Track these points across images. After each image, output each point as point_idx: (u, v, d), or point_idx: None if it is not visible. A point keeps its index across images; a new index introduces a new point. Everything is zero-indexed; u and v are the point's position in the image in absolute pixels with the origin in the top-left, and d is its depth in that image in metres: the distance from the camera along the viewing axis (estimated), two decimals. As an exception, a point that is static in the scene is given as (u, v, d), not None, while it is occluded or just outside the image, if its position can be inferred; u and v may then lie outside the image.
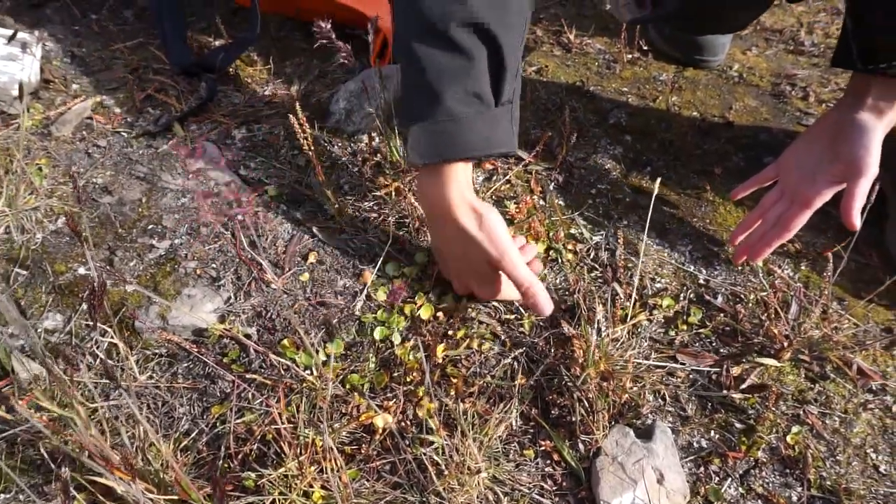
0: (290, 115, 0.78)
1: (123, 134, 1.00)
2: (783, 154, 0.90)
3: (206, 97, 1.05)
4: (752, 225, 0.90)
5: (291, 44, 1.24)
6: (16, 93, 1.00)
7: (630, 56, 1.31)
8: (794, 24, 1.50)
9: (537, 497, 0.67)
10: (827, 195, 0.83)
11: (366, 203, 0.92)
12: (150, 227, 0.87)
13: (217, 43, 1.14)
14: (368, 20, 1.14)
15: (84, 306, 0.77)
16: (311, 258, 0.85)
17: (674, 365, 0.79)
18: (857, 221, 0.79)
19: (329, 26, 0.79)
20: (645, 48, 1.32)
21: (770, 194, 0.89)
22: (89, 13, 1.26)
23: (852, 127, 0.81)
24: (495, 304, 0.83)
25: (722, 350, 0.82)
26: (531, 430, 0.72)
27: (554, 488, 0.68)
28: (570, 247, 0.91)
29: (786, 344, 0.81)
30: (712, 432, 0.74)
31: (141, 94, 1.06)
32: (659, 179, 0.83)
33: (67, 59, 1.14)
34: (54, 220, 0.87)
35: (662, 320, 0.84)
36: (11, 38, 1.01)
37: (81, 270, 0.81)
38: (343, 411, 0.70)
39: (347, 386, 0.72)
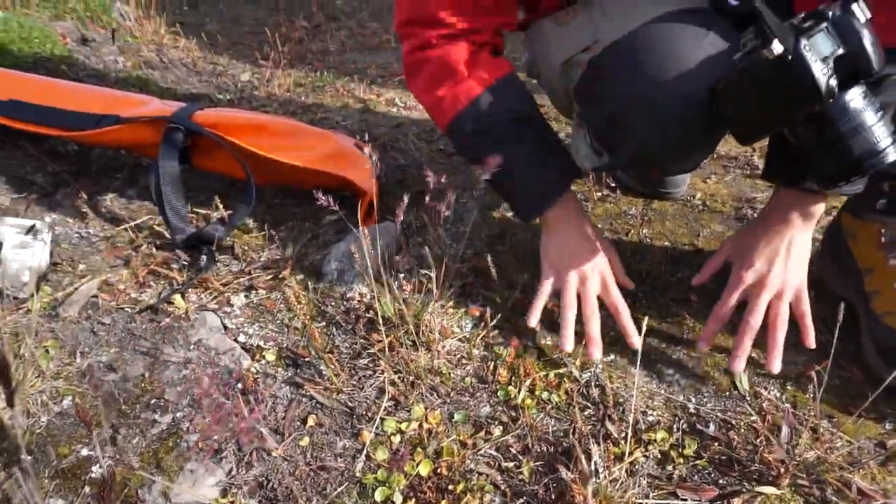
0: (286, 287, 0.84)
1: (127, 310, 1.05)
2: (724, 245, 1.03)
3: (206, 268, 1.11)
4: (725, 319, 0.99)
5: (284, 209, 1.34)
6: (26, 279, 1.06)
7: (600, 194, 1.41)
8: (748, 149, 1.62)
9: None
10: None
11: (361, 360, 0.96)
12: (152, 401, 0.90)
13: (215, 215, 1.22)
14: (355, 185, 1.25)
15: (87, 489, 0.78)
16: (311, 421, 0.87)
17: (675, 502, 0.79)
18: (738, 365, 0.94)
19: (328, 199, 0.87)
20: (613, 185, 1.42)
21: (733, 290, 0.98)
22: (96, 195, 1.35)
23: (764, 238, 0.94)
24: (493, 452, 0.84)
25: (721, 480, 0.82)
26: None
27: None
28: (562, 386, 0.94)
29: (782, 470, 0.82)
30: (722, 572, 0.73)
31: (144, 270, 1.13)
32: (647, 319, 0.88)
33: (75, 240, 1.22)
34: (59, 401, 0.90)
35: (658, 455, 0.85)
36: (29, 231, 1.09)
37: (84, 452, 0.83)
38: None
39: (351, 553, 0.72)
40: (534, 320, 0.98)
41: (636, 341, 0.94)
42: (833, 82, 0.71)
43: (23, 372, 0.90)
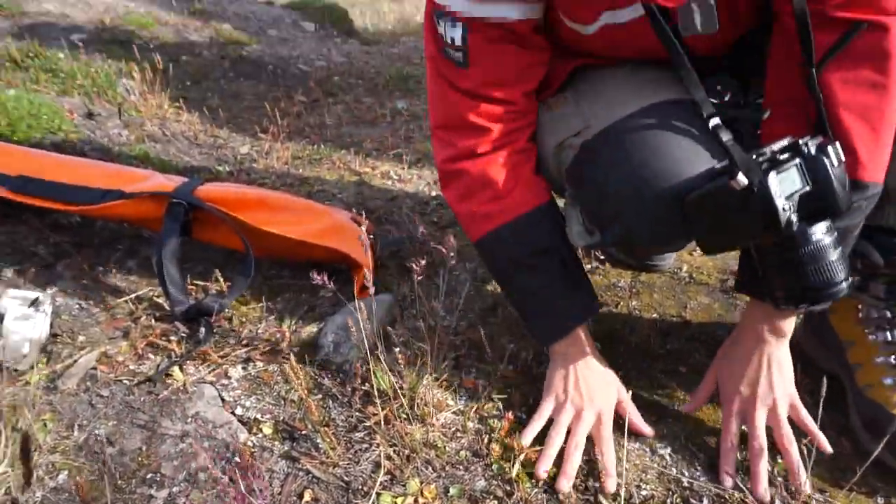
0: (283, 360, 0.86)
1: (126, 382, 1.06)
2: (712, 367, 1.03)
3: (204, 340, 1.13)
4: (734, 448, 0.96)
5: (281, 281, 1.37)
6: (26, 350, 1.08)
7: (590, 266, 1.46)
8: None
9: None
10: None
11: (357, 434, 0.97)
12: (149, 476, 0.90)
13: (214, 286, 1.25)
14: (351, 258, 1.28)
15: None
16: (307, 496, 0.87)
17: (670, 579, 0.80)
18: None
19: (324, 278, 0.90)
20: (602, 258, 1.47)
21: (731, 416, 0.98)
22: (97, 266, 1.38)
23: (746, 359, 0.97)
24: (488, 527, 0.85)
25: (715, 557, 0.83)
26: None
27: None
28: (555, 461, 0.95)
29: (776, 545, 0.83)
30: None
31: (143, 342, 1.14)
32: (629, 393, 0.90)
33: (76, 311, 1.23)
34: (55, 476, 0.90)
35: (653, 530, 0.86)
36: (32, 304, 1.11)
37: (79, 529, 0.82)
38: None
39: None
40: (527, 440, 0.97)
41: (611, 485, 0.90)
42: (794, 218, 0.76)
43: (19, 447, 0.91)
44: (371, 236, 1.04)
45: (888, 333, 1.04)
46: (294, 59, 3.20)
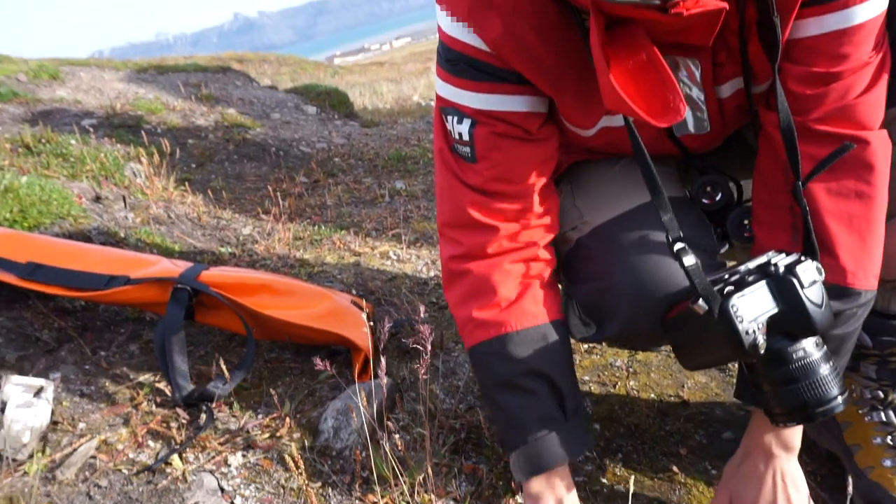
0: (283, 446, 0.86)
1: (125, 471, 1.06)
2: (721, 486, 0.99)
3: (205, 426, 1.13)
4: None
5: (282, 364, 1.38)
6: (27, 439, 1.08)
7: (586, 345, 1.47)
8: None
9: None
10: None
11: (356, 523, 0.96)
12: (145, 570, 0.89)
13: (215, 371, 1.26)
14: (351, 342, 1.30)
15: None
16: (305, 591, 0.86)
17: None
18: None
19: (326, 364, 0.92)
20: (598, 337, 1.49)
21: None
22: (100, 350, 1.40)
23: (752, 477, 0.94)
24: None
25: None
26: None
27: None
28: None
29: None
30: None
31: (143, 429, 1.15)
32: (633, 478, 0.90)
33: (77, 398, 1.24)
34: (49, 572, 0.88)
35: None
36: (37, 393, 1.12)
37: None
38: None
39: None
40: None
41: None
42: (760, 341, 0.75)
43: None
44: (371, 321, 1.06)
45: (882, 413, 1.05)
46: (296, 142, 3.32)
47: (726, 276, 0.80)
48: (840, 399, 0.78)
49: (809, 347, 0.78)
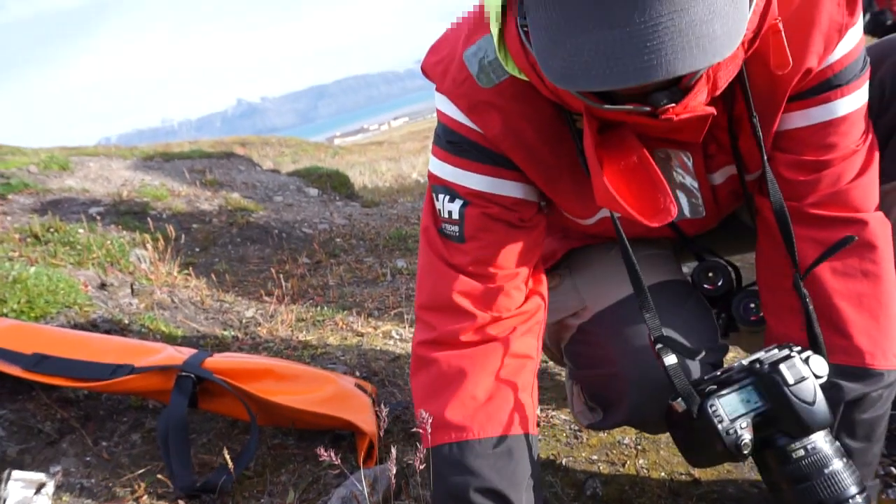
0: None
1: (124, 569, 1.03)
2: None
3: (207, 519, 1.11)
4: None
5: (286, 450, 1.36)
6: (24, 538, 1.06)
7: (593, 423, 1.46)
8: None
9: None
10: None
11: None
12: None
13: (218, 460, 1.24)
14: (356, 426, 1.29)
15: None
16: None
17: None
18: None
19: (331, 454, 0.92)
20: (604, 414, 1.48)
21: None
22: (101, 441, 1.38)
23: None
24: None
25: None
26: None
27: None
28: None
29: None
30: None
31: (144, 523, 1.12)
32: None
33: (77, 491, 1.22)
34: None
35: None
36: (38, 490, 1.11)
37: None
38: None
39: None
40: None
41: None
42: (745, 439, 0.74)
43: None
44: (376, 405, 1.06)
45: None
46: (298, 223, 3.38)
47: (718, 374, 0.80)
48: (860, 498, 0.74)
49: (819, 443, 0.75)
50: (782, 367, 0.75)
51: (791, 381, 0.75)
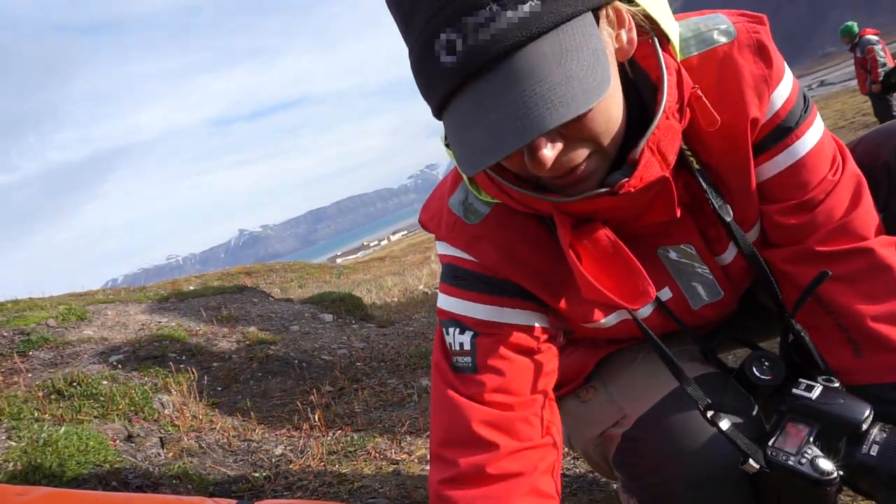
0: None
1: None
2: None
3: None
4: None
5: None
6: None
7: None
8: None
9: None
10: None
11: None
12: None
13: None
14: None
15: None
16: None
17: None
18: None
19: None
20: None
21: None
22: None
23: None
24: None
25: None
26: None
27: None
28: None
29: None
30: None
31: None
32: None
33: None
34: None
35: None
36: None
37: None
38: None
39: None
40: None
41: None
42: (822, 464, 0.74)
43: None
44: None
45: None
46: (317, 351, 3.38)
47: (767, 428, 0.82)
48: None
49: (877, 436, 0.77)
50: (796, 391, 0.79)
51: (814, 396, 0.78)
